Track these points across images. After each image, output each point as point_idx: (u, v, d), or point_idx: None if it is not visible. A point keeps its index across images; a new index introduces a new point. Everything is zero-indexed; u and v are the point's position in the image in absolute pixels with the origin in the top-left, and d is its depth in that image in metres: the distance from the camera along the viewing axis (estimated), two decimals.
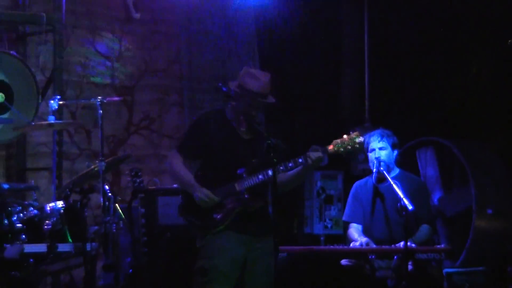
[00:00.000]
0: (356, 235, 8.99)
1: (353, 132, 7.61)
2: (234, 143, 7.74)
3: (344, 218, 9.37)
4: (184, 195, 7.79)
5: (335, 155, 7.55)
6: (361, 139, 7.55)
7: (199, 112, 8.79)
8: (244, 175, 7.58)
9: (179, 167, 7.73)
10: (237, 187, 7.60)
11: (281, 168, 7.46)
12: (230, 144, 7.72)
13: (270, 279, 7.58)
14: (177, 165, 7.74)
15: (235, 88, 7.72)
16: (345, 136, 7.56)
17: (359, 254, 8.78)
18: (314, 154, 7.54)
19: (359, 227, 9.05)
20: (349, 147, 7.50)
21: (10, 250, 8.19)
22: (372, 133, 9.12)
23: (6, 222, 8.20)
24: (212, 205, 7.57)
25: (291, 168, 7.51)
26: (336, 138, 7.62)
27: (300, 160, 7.49)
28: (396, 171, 9.05)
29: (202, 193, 7.49)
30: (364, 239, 8.83)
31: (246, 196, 7.61)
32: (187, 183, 7.68)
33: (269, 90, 7.72)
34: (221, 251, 7.61)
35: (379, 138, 8.99)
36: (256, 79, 7.81)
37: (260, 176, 7.53)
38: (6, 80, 10.13)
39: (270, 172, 7.38)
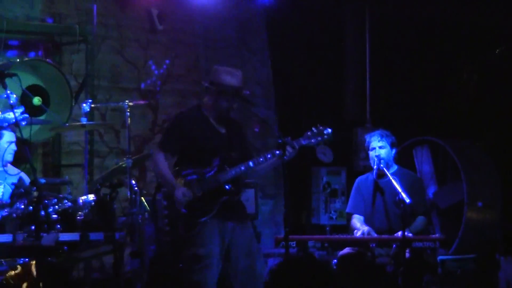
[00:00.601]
0: (359, 224, 9.04)
1: (320, 125, 7.76)
2: (212, 136, 7.83)
3: (347, 210, 9.41)
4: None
5: (307, 146, 7.71)
6: (328, 130, 7.74)
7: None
8: (226, 168, 7.69)
9: (162, 167, 7.82)
10: (221, 178, 7.75)
11: (261, 159, 7.63)
12: (207, 138, 7.80)
13: (253, 261, 7.83)
14: (160, 165, 7.83)
15: (209, 85, 7.89)
16: (313, 128, 7.72)
17: (361, 242, 8.85)
18: (288, 149, 7.69)
19: (361, 217, 9.10)
20: (319, 138, 7.68)
21: (47, 239, 8.25)
22: (372, 133, 9.19)
23: (43, 213, 8.24)
24: (197, 198, 7.72)
25: (270, 159, 7.68)
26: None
27: (277, 153, 7.61)
28: (395, 167, 9.08)
29: (180, 193, 7.61)
30: (366, 228, 8.89)
31: (228, 186, 7.76)
32: (168, 182, 7.79)
33: (243, 85, 7.88)
34: (212, 238, 7.71)
35: (379, 138, 9.03)
36: (233, 75, 7.94)
37: (243, 168, 7.66)
38: (43, 85, 10.24)
39: (251, 163, 7.61)
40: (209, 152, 7.75)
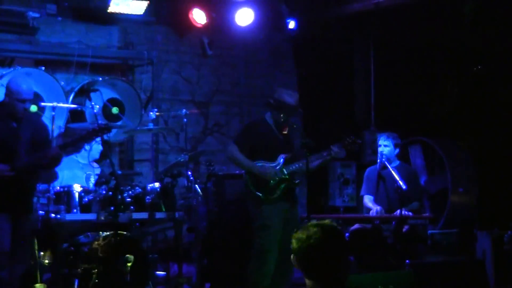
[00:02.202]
0: (370, 204, 9.12)
1: (354, 136, 8.02)
2: (273, 140, 8.07)
3: (361, 193, 9.45)
4: (249, 175, 8.08)
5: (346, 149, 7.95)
6: (359, 141, 8.06)
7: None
8: (283, 163, 7.94)
9: (239, 155, 8.03)
10: (286, 170, 7.95)
11: (313, 158, 7.85)
12: (270, 141, 8.05)
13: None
14: (237, 153, 8.04)
15: (273, 102, 8.07)
16: (352, 136, 7.99)
17: (368, 219, 8.98)
18: (334, 150, 7.91)
19: (371, 197, 9.17)
20: (354, 145, 7.96)
21: (123, 217, 8.37)
22: (382, 134, 9.26)
23: (119, 197, 8.40)
24: (269, 180, 7.95)
25: (317, 159, 7.91)
26: (347, 139, 7.97)
27: (325, 154, 7.91)
28: (397, 162, 9.15)
29: (268, 171, 7.91)
30: (378, 207, 8.98)
31: (289, 176, 7.97)
32: (253, 166, 7.99)
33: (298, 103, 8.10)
34: (276, 212, 7.97)
35: (385, 138, 9.11)
36: (291, 96, 8.13)
37: (296, 165, 7.94)
38: (120, 98, 10.40)
39: (305, 161, 7.77)
40: (271, 152, 8.01)
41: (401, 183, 8.72)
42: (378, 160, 9.18)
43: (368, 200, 9.23)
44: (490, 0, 8.64)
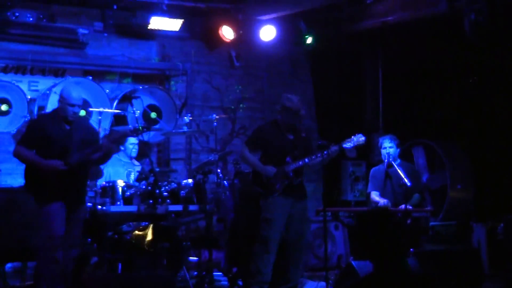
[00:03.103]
0: (377, 198, 8.99)
1: (356, 135, 7.97)
2: (283, 140, 8.03)
3: (368, 190, 9.34)
4: (254, 174, 8.09)
5: (346, 148, 7.94)
6: (362, 138, 7.98)
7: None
8: (290, 161, 7.93)
9: (249, 155, 8.04)
10: (286, 169, 7.96)
11: (314, 157, 7.84)
12: (280, 141, 8.02)
13: (304, 226, 8.13)
14: (247, 154, 8.05)
15: (280, 107, 8.10)
16: (352, 136, 7.94)
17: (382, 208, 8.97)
18: (332, 149, 7.89)
19: (377, 193, 9.05)
20: (356, 143, 7.92)
21: (160, 209, 8.38)
22: (384, 137, 9.13)
23: (157, 191, 8.45)
24: (272, 179, 7.95)
25: (319, 157, 7.88)
26: (352, 137, 7.97)
27: (326, 153, 7.83)
28: (398, 161, 9.02)
29: (269, 168, 7.89)
30: (385, 200, 8.88)
31: (291, 174, 7.97)
32: (257, 165, 7.98)
33: (301, 106, 8.07)
34: (278, 207, 7.90)
35: (389, 140, 8.98)
36: (292, 101, 8.13)
37: (300, 162, 7.89)
38: (158, 104, 10.49)
39: (306, 160, 7.82)
40: (279, 152, 7.97)
41: (406, 180, 8.68)
42: (385, 160, 9.13)
43: (375, 195, 9.14)
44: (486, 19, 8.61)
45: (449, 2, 8.80)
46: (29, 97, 9.78)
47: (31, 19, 9.79)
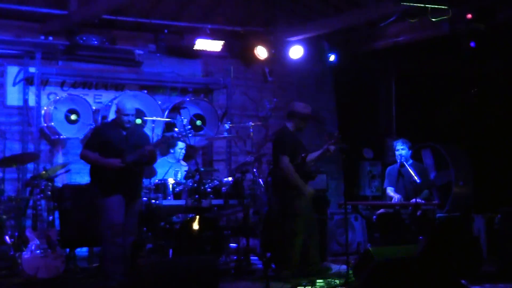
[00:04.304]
0: (392, 193, 9.06)
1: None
2: (295, 142, 8.05)
3: (384, 186, 9.41)
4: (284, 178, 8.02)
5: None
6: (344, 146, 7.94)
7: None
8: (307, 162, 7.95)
9: (295, 172, 7.91)
10: (313, 168, 7.99)
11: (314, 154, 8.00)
12: (292, 143, 8.02)
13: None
14: (292, 168, 7.89)
15: (294, 114, 8.10)
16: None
17: (390, 206, 8.95)
18: (331, 147, 7.91)
19: (393, 188, 9.11)
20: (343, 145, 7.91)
21: (205, 203, 8.40)
22: (397, 140, 9.21)
23: (202, 188, 8.47)
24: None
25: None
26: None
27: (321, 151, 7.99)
28: (410, 161, 9.07)
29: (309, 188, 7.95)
30: (398, 195, 8.95)
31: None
32: (299, 182, 7.89)
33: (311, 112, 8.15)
34: (304, 204, 7.95)
35: (401, 144, 9.06)
36: (307, 108, 8.15)
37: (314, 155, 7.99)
38: (202, 113, 10.53)
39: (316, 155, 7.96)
40: (294, 151, 7.99)
41: (416, 178, 8.69)
42: (398, 160, 9.10)
43: (390, 191, 9.17)
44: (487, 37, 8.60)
45: (451, 25, 8.77)
46: (94, 108, 9.89)
47: (95, 42, 9.88)
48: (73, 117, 9.69)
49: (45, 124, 9.72)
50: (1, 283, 7.70)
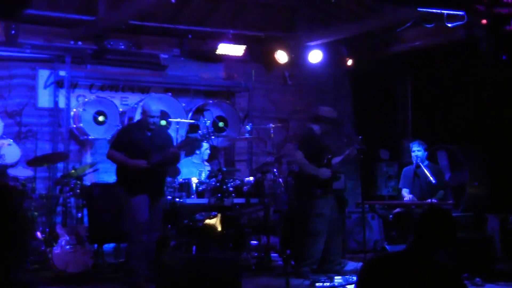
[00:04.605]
0: (406, 194, 9.03)
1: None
2: (320, 144, 8.06)
3: (399, 186, 9.37)
4: (310, 177, 8.02)
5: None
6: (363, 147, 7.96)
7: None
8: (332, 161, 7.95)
9: (307, 162, 8.02)
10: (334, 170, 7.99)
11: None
12: (318, 145, 8.03)
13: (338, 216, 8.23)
14: (306, 160, 8.02)
15: (321, 117, 8.08)
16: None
17: (406, 205, 8.94)
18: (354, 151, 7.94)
19: (408, 190, 9.07)
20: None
21: (227, 201, 8.42)
22: (414, 142, 9.16)
23: (224, 187, 8.49)
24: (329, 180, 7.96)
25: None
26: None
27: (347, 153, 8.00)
28: (426, 162, 9.04)
29: (325, 172, 7.90)
30: (410, 196, 8.93)
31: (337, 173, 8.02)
32: (314, 169, 8.00)
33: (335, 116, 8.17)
34: (328, 204, 7.98)
35: (418, 145, 9.03)
36: (333, 112, 8.14)
37: (340, 157, 7.99)
38: (224, 115, 10.56)
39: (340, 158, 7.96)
40: (320, 153, 8.01)
41: (431, 178, 8.65)
42: (414, 162, 9.06)
43: (405, 192, 9.14)
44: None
45: (466, 29, 8.72)
46: (120, 110, 9.95)
47: (122, 47, 9.92)
48: (100, 118, 9.75)
49: (74, 125, 9.79)
50: (33, 277, 7.77)
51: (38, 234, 8.26)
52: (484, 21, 8.19)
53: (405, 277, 3.41)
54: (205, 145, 9.31)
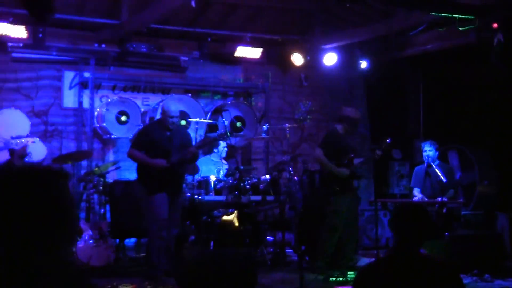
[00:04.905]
0: (417, 193, 8.99)
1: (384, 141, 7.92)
2: (343, 143, 8.03)
3: (411, 185, 9.34)
4: (330, 175, 8.06)
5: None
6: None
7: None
8: (354, 161, 7.92)
9: (326, 159, 8.04)
10: (354, 170, 7.95)
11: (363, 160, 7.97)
12: (341, 144, 8.01)
13: (357, 216, 8.28)
14: (325, 158, 8.04)
15: (343, 117, 8.07)
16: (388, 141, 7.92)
17: (418, 203, 8.76)
18: (377, 153, 7.90)
19: (418, 189, 9.03)
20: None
21: (244, 199, 8.47)
22: (425, 142, 9.12)
23: (241, 185, 8.53)
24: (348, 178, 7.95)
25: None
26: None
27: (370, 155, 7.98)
28: (437, 162, 8.99)
29: (344, 171, 7.89)
30: (420, 195, 8.89)
31: (358, 172, 7.98)
32: (332, 167, 7.99)
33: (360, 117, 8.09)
34: (345, 202, 7.96)
35: (429, 145, 8.97)
36: (355, 112, 8.11)
37: (361, 159, 7.93)
38: (242, 115, 10.56)
39: (362, 160, 7.87)
40: (342, 152, 7.98)
41: (442, 177, 8.61)
42: (425, 161, 9.02)
43: (416, 191, 9.11)
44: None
45: (477, 33, 8.67)
46: (142, 110, 9.99)
47: (144, 49, 9.97)
48: (123, 118, 9.80)
49: (98, 125, 9.84)
50: None
51: None
52: (495, 25, 8.13)
53: (399, 277, 3.42)
54: (223, 143, 9.32)
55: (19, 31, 8.81)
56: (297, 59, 10.67)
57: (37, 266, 2.12)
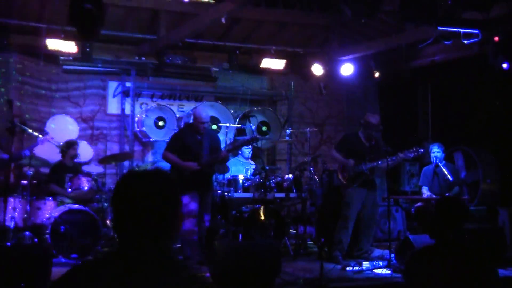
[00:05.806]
0: (425, 191, 8.90)
1: (416, 147, 7.79)
2: (362, 147, 7.95)
3: (419, 183, 9.23)
4: (341, 170, 8.06)
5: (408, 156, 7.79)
6: (421, 150, 7.77)
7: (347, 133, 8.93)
8: (367, 162, 7.88)
9: (337, 154, 7.98)
10: (364, 167, 7.90)
11: (384, 161, 7.73)
12: (359, 148, 7.94)
13: (374, 210, 8.01)
14: (336, 154, 8.01)
15: (363, 122, 8.03)
16: (414, 148, 7.78)
17: (426, 200, 8.81)
18: (400, 156, 7.77)
19: (426, 187, 8.94)
20: (417, 153, 7.77)
21: (269, 196, 8.48)
22: (433, 144, 9.03)
23: (267, 183, 8.53)
24: (351, 171, 7.92)
25: (391, 161, 7.76)
26: (413, 147, 7.84)
27: (393, 158, 7.70)
28: (444, 162, 8.90)
29: (351, 161, 7.84)
30: (428, 193, 8.81)
31: (368, 171, 7.91)
32: (342, 159, 7.95)
33: (380, 122, 8.00)
34: (356, 195, 7.87)
35: (437, 147, 8.89)
36: (375, 118, 8.06)
37: (374, 163, 7.82)
38: (267, 121, 10.58)
39: (380, 162, 7.71)
40: (360, 154, 7.94)
41: (449, 176, 8.56)
42: (433, 162, 8.97)
43: (424, 190, 9.03)
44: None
45: (479, 46, 8.63)
46: (177, 115, 10.05)
47: (179, 61, 10.04)
48: (160, 123, 9.87)
49: (138, 129, 9.94)
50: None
51: (108, 222, 8.39)
52: (496, 38, 8.08)
53: (445, 261, 3.44)
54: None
55: (69, 46, 8.95)
56: (317, 69, 10.67)
57: (153, 258, 2.18)
